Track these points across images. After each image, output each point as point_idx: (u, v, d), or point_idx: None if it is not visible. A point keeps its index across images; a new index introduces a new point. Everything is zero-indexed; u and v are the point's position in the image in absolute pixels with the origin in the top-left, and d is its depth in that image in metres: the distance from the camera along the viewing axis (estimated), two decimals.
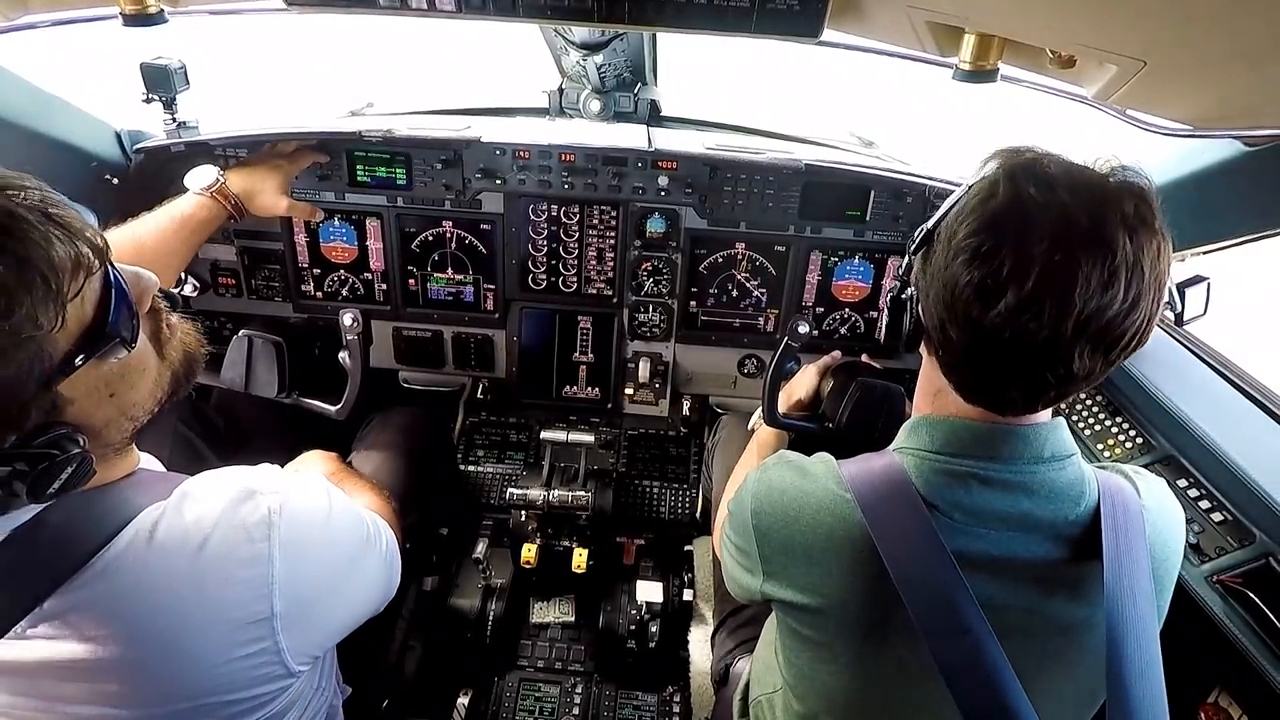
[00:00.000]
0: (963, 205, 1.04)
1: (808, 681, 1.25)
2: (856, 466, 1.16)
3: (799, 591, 1.17)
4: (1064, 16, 1.10)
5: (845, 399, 1.84)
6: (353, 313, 1.95)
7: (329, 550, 1.17)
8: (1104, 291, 0.94)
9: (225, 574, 1.01)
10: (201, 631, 0.99)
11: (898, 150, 2.77)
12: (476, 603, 2.40)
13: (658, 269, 2.54)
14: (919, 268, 1.13)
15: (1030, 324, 0.96)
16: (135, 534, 0.98)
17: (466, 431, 2.80)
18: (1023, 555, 1.08)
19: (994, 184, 1.01)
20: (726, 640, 2.03)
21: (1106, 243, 0.93)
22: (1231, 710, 1.66)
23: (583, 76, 2.59)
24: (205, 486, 1.07)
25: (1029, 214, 0.96)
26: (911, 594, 1.04)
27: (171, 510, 1.02)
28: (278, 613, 1.04)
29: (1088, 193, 0.96)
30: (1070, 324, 0.95)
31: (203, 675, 1.00)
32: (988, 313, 0.98)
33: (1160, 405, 1.91)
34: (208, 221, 2.03)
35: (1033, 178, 0.99)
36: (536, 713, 2.32)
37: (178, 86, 2.20)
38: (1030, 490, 1.08)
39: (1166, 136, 1.51)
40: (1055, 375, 1.00)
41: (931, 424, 1.15)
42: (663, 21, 1.37)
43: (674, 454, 2.78)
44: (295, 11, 1.48)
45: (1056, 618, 1.09)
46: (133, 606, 0.96)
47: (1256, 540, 1.64)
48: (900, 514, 1.08)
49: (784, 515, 1.18)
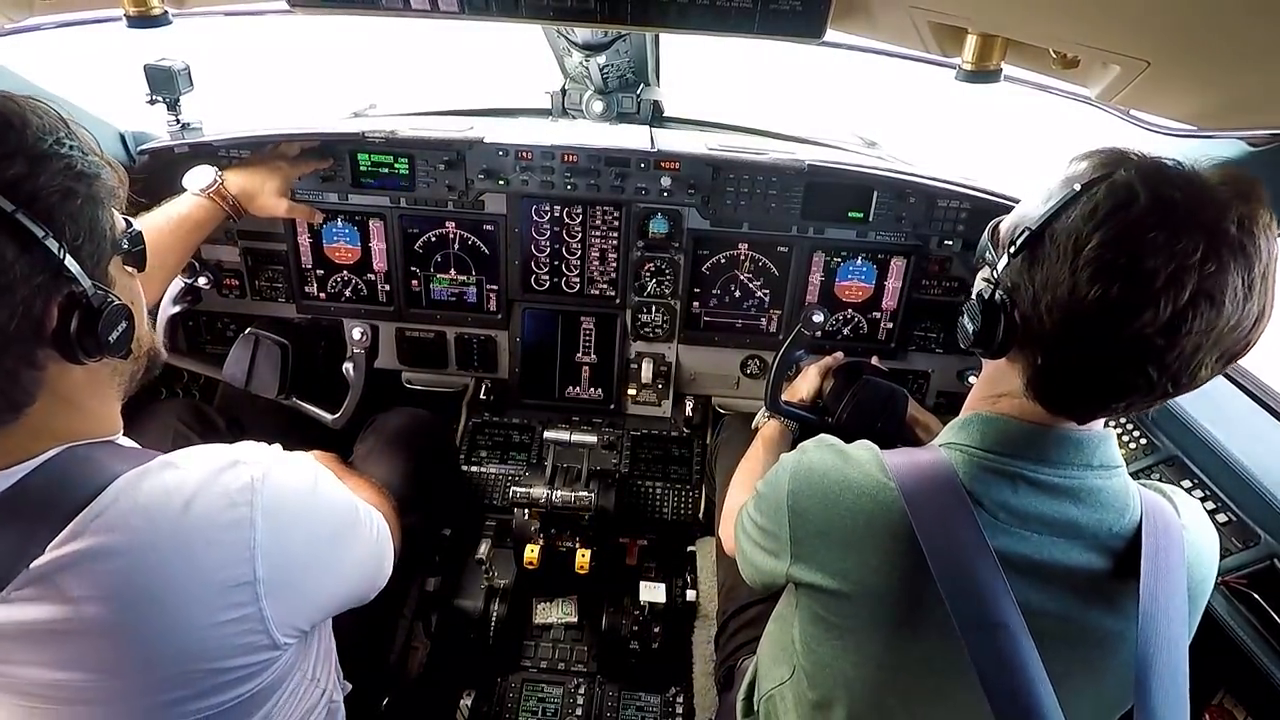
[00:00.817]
0: (1090, 211, 0.96)
1: (827, 669, 1.24)
2: (902, 457, 1.15)
3: (830, 576, 1.16)
4: (1067, 17, 1.10)
5: (848, 397, 1.84)
6: (363, 327, 1.96)
7: (312, 522, 1.15)
8: (1245, 303, 0.91)
9: (207, 536, 0.99)
10: (185, 592, 0.97)
11: (901, 151, 2.77)
12: (479, 603, 2.40)
13: (660, 270, 2.54)
14: (1021, 271, 1.04)
15: (1178, 336, 0.92)
16: (118, 494, 0.97)
17: (469, 432, 2.80)
18: (1063, 562, 1.07)
19: (1129, 188, 0.94)
20: (730, 641, 2.03)
21: (1250, 252, 0.91)
22: (1236, 712, 1.65)
23: (585, 77, 2.59)
24: (188, 455, 1.06)
25: (1181, 221, 0.90)
26: (950, 586, 1.03)
27: (154, 473, 1.01)
28: (260, 578, 1.02)
29: (1223, 197, 0.92)
30: (1212, 337, 0.92)
31: (186, 639, 0.98)
32: (1127, 327, 0.93)
33: (1164, 407, 1.91)
34: (205, 222, 2.03)
35: (1173, 181, 0.94)
36: (540, 714, 2.32)
37: (181, 88, 2.21)
38: (1077, 497, 1.08)
39: (1170, 137, 1.51)
40: (1176, 385, 0.97)
41: (985, 421, 1.13)
42: (665, 22, 1.37)
43: (677, 455, 2.78)
44: (298, 12, 1.49)
45: (1091, 627, 1.09)
46: (115, 566, 0.94)
47: (1261, 542, 1.64)
48: (945, 507, 1.07)
49: (824, 497, 1.17)
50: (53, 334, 0.93)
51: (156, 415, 2.17)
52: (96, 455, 1.03)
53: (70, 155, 0.95)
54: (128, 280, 1.10)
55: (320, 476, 1.21)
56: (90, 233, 0.97)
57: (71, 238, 0.93)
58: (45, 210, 0.90)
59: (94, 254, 0.98)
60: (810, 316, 1.81)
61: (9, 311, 0.88)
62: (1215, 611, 1.60)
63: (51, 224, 0.91)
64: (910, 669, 1.15)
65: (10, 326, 0.88)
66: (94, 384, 1.06)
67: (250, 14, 1.86)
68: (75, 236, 0.94)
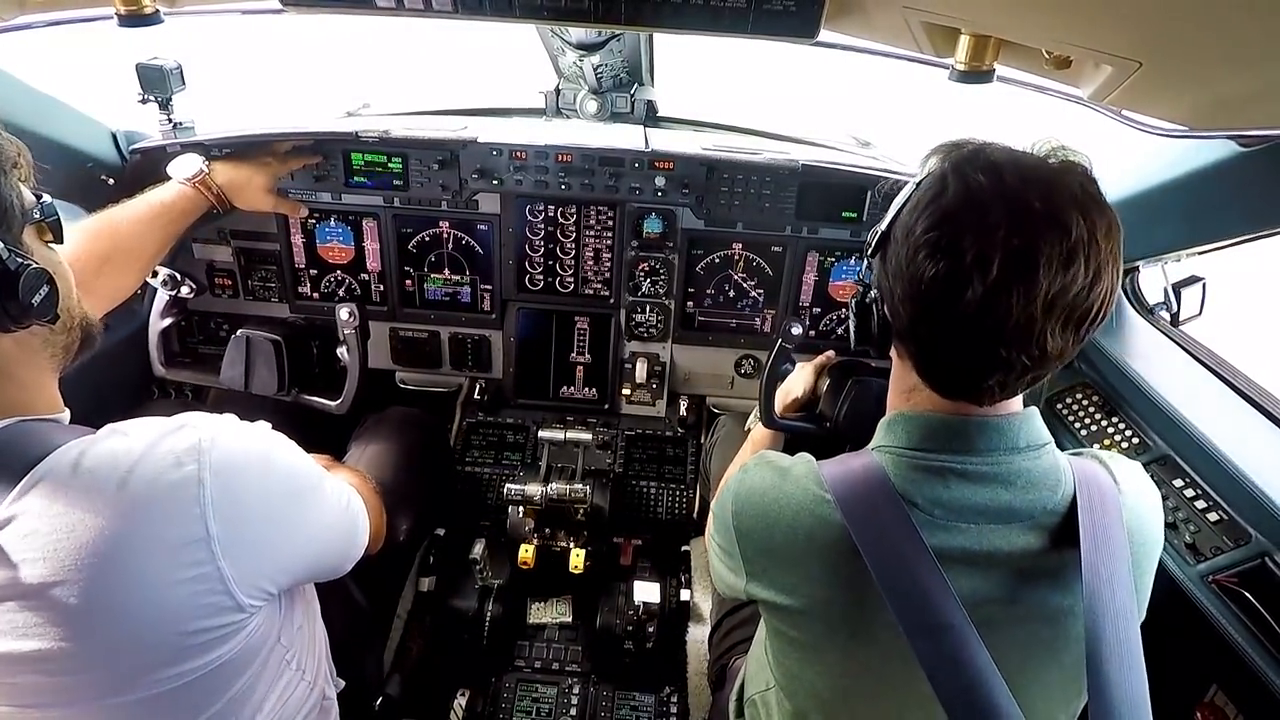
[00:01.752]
0: (915, 202, 1.05)
1: (796, 681, 1.25)
2: (836, 467, 1.16)
3: (781, 592, 1.17)
4: (1060, 18, 1.10)
5: (842, 397, 1.84)
6: (349, 307, 1.95)
7: (266, 479, 1.13)
8: (1066, 269, 0.95)
9: (153, 494, 0.98)
10: (136, 551, 0.96)
11: (894, 151, 2.77)
12: (474, 603, 2.40)
13: (655, 269, 2.54)
14: (880, 269, 1.13)
15: (1000, 309, 0.97)
16: (56, 462, 0.97)
17: (463, 432, 2.80)
18: (1003, 548, 1.08)
19: (942, 179, 1.03)
20: (723, 640, 2.03)
21: (1062, 223, 0.95)
22: (1228, 710, 1.66)
23: (579, 77, 2.59)
24: (135, 423, 1.06)
25: (982, 203, 0.98)
26: (892, 593, 1.04)
27: (98, 441, 1.01)
28: (214, 535, 1.01)
29: (1035, 175, 0.99)
30: (1039, 305, 0.96)
31: (144, 599, 0.97)
32: (957, 303, 0.99)
33: (1156, 405, 1.91)
34: (188, 212, 2.00)
35: (979, 168, 1.00)
36: (534, 713, 2.32)
37: (173, 87, 2.19)
38: (1008, 481, 1.09)
39: (1162, 137, 1.52)
40: (1030, 357, 1.01)
41: (906, 420, 1.15)
42: (659, 22, 1.37)
43: (671, 454, 2.78)
44: (291, 11, 1.48)
45: (1040, 607, 1.10)
46: (55, 526, 0.93)
47: (1252, 540, 1.65)
48: (879, 513, 1.08)
49: (764, 517, 1.18)
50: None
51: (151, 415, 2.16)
52: (40, 428, 1.03)
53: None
54: (46, 251, 1.10)
55: (275, 439, 1.19)
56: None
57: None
58: None
59: (2, 222, 0.99)
60: (789, 329, 1.81)
61: None
62: (1207, 610, 1.60)
63: None
64: (872, 675, 1.16)
65: None
66: (25, 355, 1.06)
67: (243, 12, 1.85)
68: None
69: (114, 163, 2.24)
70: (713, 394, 2.81)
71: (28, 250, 1.03)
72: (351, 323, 1.96)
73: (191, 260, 2.52)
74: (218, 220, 2.36)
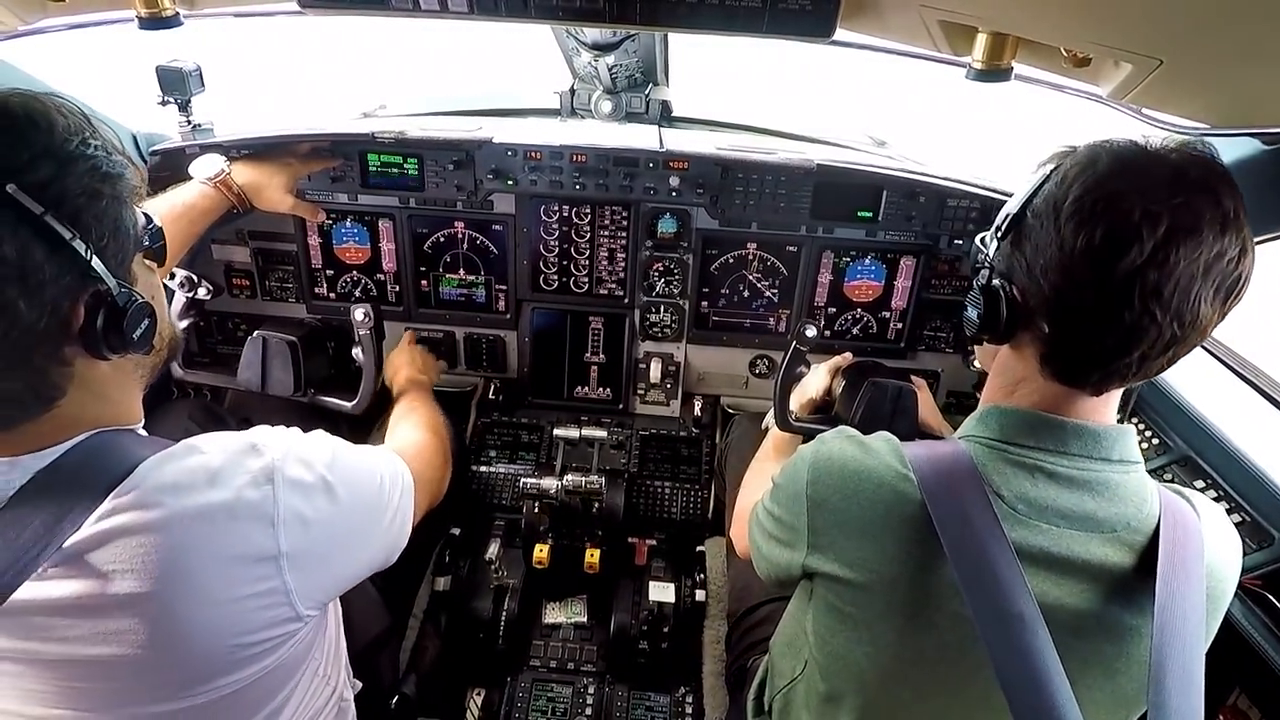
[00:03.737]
0: (1060, 179, 1.04)
1: (840, 661, 1.24)
2: (921, 449, 1.15)
3: (847, 566, 1.16)
4: (1078, 16, 1.09)
5: (857, 400, 1.83)
6: (364, 307, 1.96)
7: (335, 497, 1.16)
8: (1222, 235, 0.95)
9: (231, 512, 1.01)
10: (211, 566, 0.99)
11: (911, 150, 2.76)
12: (489, 603, 2.40)
13: (669, 269, 2.54)
14: (1008, 253, 1.11)
15: (1167, 265, 0.95)
16: (145, 474, 0.99)
17: (478, 432, 2.81)
18: (1081, 555, 1.07)
19: (1093, 156, 1.03)
20: (741, 640, 2.03)
21: (1215, 191, 0.96)
22: (1251, 714, 1.64)
23: (594, 77, 2.59)
24: (209, 438, 1.09)
25: (1144, 169, 0.99)
26: (967, 576, 1.03)
27: (178, 455, 1.03)
28: (284, 551, 1.04)
29: (1181, 152, 1.00)
30: (1200, 265, 0.95)
31: (214, 612, 1.00)
32: (1118, 264, 0.96)
33: (1178, 406, 1.89)
34: (209, 211, 2.02)
35: (1130, 146, 1.02)
36: (549, 713, 2.32)
37: (193, 89, 2.22)
38: (1095, 490, 1.08)
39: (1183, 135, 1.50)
40: (1181, 323, 0.98)
41: (1003, 413, 1.14)
42: (674, 22, 1.37)
43: (685, 454, 2.77)
44: (309, 13, 1.49)
45: (1107, 622, 1.08)
46: (145, 541, 0.96)
47: (1276, 542, 1.63)
48: (963, 498, 1.07)
49: (843, 486, 1.17)
50: (79, 331, 0.95)
51: (169, 415, 2.19)
52: (123, 440, 1.05)
53: (95, 156, 0.96)
54: (149, 276, 1.12)
55: (338, 450, 1.22)
56: (115, 232, 0.98)
57: (97, 238, 0.95)
58: (72, 212, 0.92)
59: (118, 253, 1.00)
60: (803, 332, 1.80)
61: (38, 311, 0.90)
62: (1230, 612, 1.58)
63: (78, 225, 0.92)
64: (924, 660, 1.15)
65: (39, 325, 0.90)
66: (119, 377, 1.08)
67: (262, 15, 1.87)
68: (100, 237, 0.96)
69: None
70: (727, 394, 2.81)
71: (133, 278, 1.04)
72: (366, 323, 1.97)
73: (210, 261, 2.55)
74: (236, 221, 2.38)
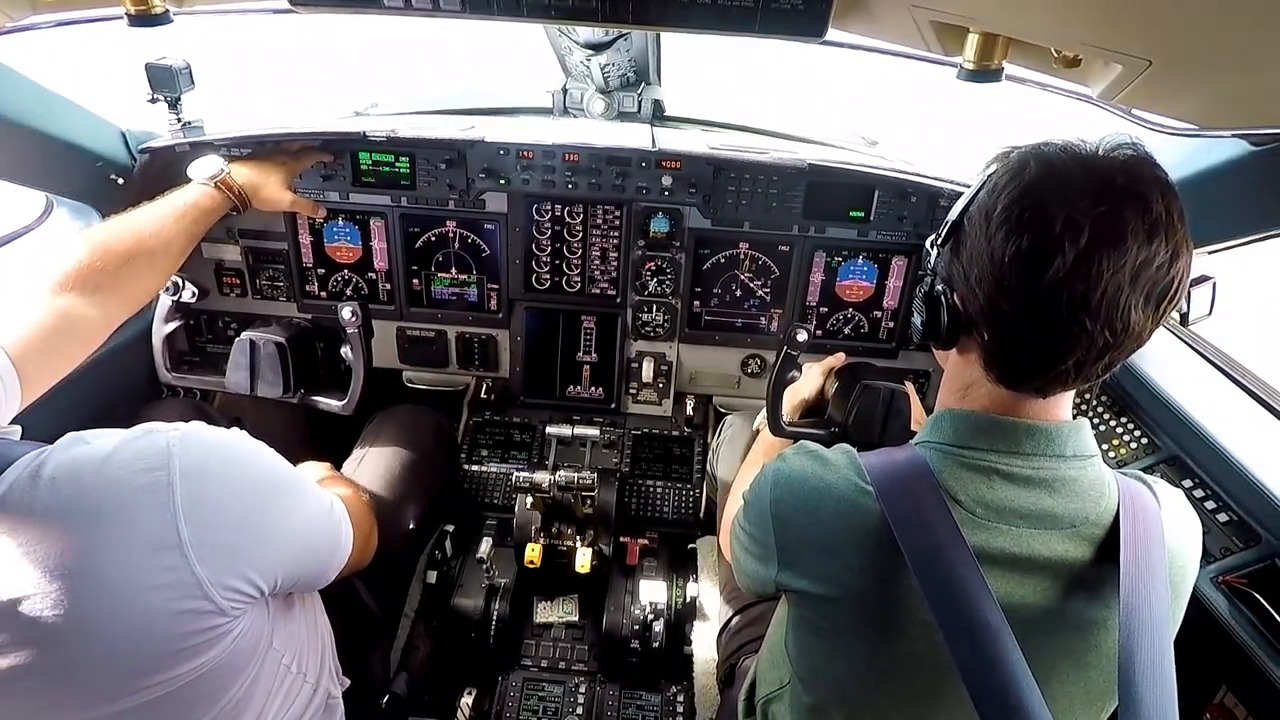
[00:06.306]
0: (992, 187, 1.05)
1: (820, 674, 1.25)
2: (878, 459, 1.16)
3: (816, 581, 1.17)
4: (1069, 16, 1.10)
5: (850, 402, 1.83)
6: (351, 306, 1.94)
7: (238, 481, 1.12)
8: (1149, 242, 0.96)
9: (121, 501, 0.97)
10: (109, 558, 0.95)
11: (902, 150, 2.77)
12: (480, 602, 2.40)
13: (661, 269, 2.54)
14: (949, 258, 1.12)
15: (1090, 276, 0.96)
16: (16, 476, 0.95)
17: (470, 431, 2.80)
18: (1043, 553, 1.07)
19: (1022, 162, 1.03)
20: (731, 640, 2.03)
21: (1144, 197, 0.96)
22: (1237, 712, 1.65)
23: (587, 76, 2.59)
24: (95, 432, 1.04)
25: (1068, 177, 0.99)
26: (930, 587, 1.03)
27: (58, 451, 1.00)
28: (185, 539, 0.99)
29: (1112, 156, 1.00)
30: (1126, 274, 0.96)
31: (120, 608, 0.95)
32: (1044, 273, 0.97)
33: (1166, 406, 1.90)
34: (211, 211, 1.99)
35: (1058, 149, 1.02)
36: (540, 712, 2.32)
37: (183, 87, 2.20)
38: (1052, 487, 1.08)
39: (1171, 136, 1.51)
40: (1112, 331, 0.99)
41: (956, 416, 1.14)
42: (667, 21, 1.37)
43: (678, 454, 2.78)
44: (300, 11, 1.48)
45: (1074, 617, 1.09)
46: (24, 540, 0.92)
47: (1262, 541, 1.64)
48: (922, 507, 1.07)
49: (804, 504, 1.17)
50: None
51: (157, 415, 2.17)
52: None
53: None
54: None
55: (246, 441, 1.18)
56: None
57: None
58: None
59: None
60: (794, 336, 1.80)
61: None
62: (1216, 611, 1.60)
63: None
64: (899, 670, 1.15)
65: None
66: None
67: (252, 12, 1.86)
68: None
69: (124, 162, 2.25)
70: (719, 393, 2.81)
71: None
72: (354, 321, 1.96)
73: (198, 262, 2.53)
74: (226, 219, 2.36)
